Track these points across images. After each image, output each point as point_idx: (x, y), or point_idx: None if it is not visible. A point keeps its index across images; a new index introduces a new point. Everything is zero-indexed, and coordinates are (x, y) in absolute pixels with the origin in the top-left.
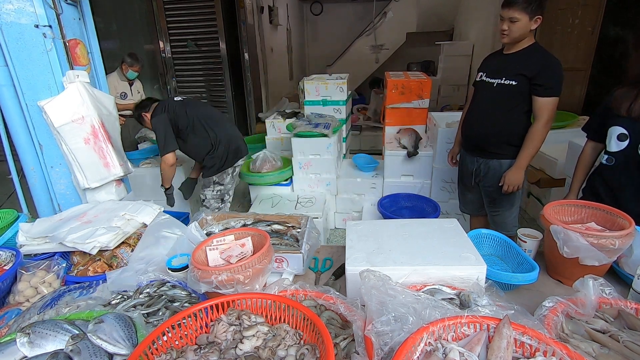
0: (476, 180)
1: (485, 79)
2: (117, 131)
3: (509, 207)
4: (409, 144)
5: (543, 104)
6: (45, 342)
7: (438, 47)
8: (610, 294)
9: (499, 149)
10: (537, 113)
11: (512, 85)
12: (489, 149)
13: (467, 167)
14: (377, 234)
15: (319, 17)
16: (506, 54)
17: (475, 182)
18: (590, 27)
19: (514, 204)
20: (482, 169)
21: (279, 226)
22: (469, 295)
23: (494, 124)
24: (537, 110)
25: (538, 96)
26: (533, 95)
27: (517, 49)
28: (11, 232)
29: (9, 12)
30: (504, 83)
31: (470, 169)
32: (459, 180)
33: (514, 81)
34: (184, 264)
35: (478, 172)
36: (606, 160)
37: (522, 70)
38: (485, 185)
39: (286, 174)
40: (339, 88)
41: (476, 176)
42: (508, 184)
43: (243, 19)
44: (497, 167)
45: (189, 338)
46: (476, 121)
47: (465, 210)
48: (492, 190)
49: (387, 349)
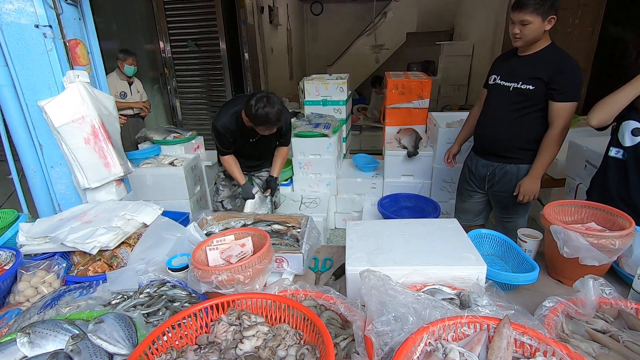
0: (489, 185)
1: (500, 82)
2: (117, 131)
3: (523, 214)
4: (409, 144)
5: (559, 109)
6: (45, 342)
7: (438, 47)
8: (611, 294)
9: (515, 154)
10: (553, 119)
11: (529, 89)
12: (505, 153)
13: (479, 172)
14: (377, 234)
15: (319, 17)
16: (521, 56)
17: (487, 187)
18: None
19: (528, 210)
20: (497, 173)
21: (279, 226)
22: (469, 295)
23: (511, 128)
24: (552, 116)
25: (554, 101)
26: (550, 100)
27: (533, 51)
28: (11, 232)
29: (9, 12)
30: (521, 88)
31: (483, 173)
32: (460, 186)
33: (531, 85)
34: (184, 264)
35: (492, 177)
36: (615, 153)
37: (538, 74)
38: (499, 190)
39: (286, 174)
40: (339, 88)
41: (489, 181)
42: (524, 193)
43: (243, 19)
44: (513, 172)
45: (189, 338)
46: (492, 125)
47: (460, 219)
48: (506, 196)
49: (387, 349)
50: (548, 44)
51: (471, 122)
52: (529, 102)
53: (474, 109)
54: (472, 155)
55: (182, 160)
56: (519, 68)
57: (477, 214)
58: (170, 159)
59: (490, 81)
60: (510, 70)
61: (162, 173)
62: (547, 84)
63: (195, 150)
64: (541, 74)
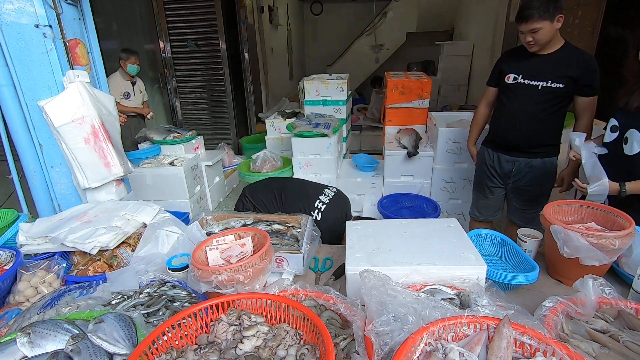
0: (514, 179)
1: (524, 81)
2: (117, 131)
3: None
4: (409, 144)
5: (589, 103)
6: (45, 342)
7: (438, 47)
8: (610, 294)
9: (542, 149)
10: (583, 112)
11: (559, 88)
12: (532, 149)
13: (503, 168)
14: (377, 234)
15: (319, 17)
16: (541, 55)
17: (511, 182)
18: (591, 27)
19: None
20: (524, 168)
21: (279, 226)
22: (469, 295)
23: (540, 125)
24: (582, 109)
25: (585, 96)
26: (578, 95)
27: (552, 50)
28: (11, 232)
29: (9, 12)
30: (551, 86)
31: (508, 169)
32: (479, 183)
33: (561, 84)
34: (184, 264)
35: (517, 172)
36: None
37: (568, 73)
38: (524, 185)
39: (286, 174)
40: (339, 88)
41: (514, 176)
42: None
43: (243, 19)
44: (540, 166)
45: (189, 338)
46: (519, 123)
47: (479, 215)
48: (533, 188)
49: (387, 349)
50: (564, 42)
51: (481, 122)
52: (557, 99)
53: (481, 109)
54: (490, 152)
55: (182, 160)
56: (544, 67)
57: (497, 209)
58: (170, 159)
59: (509, 80)
60: (533, 69)
61: (162, 173)
62: (577, 81)
63: (195, 150)
64: (571, 72)
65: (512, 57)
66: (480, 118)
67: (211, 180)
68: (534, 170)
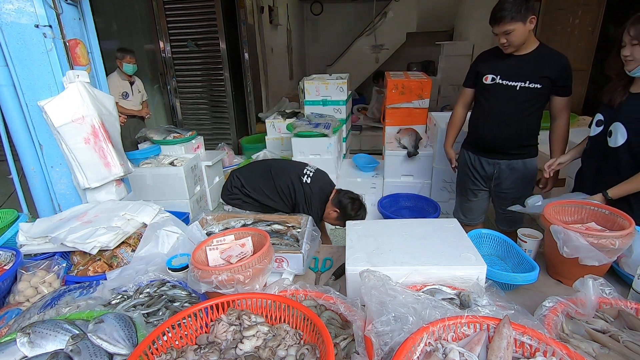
0: (495, 182)
1: (502, 81)
2: (117, 131)
3: None
4: (409, 144)
5: (566, 102)
6: (45, 342)
7: (438, 47)
8: (610, 294)
9: (522, 150)
10: (560, 112)
11: (537, 88)
12: (512, 150)
13: (485, 170)
14: (377, 234)
15: (319, 17)
16: (517, 56)
17: (493, 184)
18: (591, 27)
19: None
20: (504, 170)
21: (279, 226)
22: (469, 295)
23: (519, 126)
24: (559, 109)
25: (562, 96)
26: (555, 95)
27: (527, 51)
28: (11, 232)
29: (9, 12)
30: (529, 86)
31: (490, 171)
32: (463, 187)
33: (539, 84)
34: (184, 264)
35: (498, 174)
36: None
37: (545, 73)
38: (506, 187)
39: None
40: (339, 88)
41: (496, 178)
42: None
43: (243, 19)
44: (520, 167)
45: (189, 338)
46: (498, 125)
47: (465, 219)
48: (515, 190)
49: (387, 349)
50: (539, 43)
51: (458, 123)
52: (535, 99)
53: (458, 110)
54: (470, 154)
55: (182, 160)
56: (521, 68)
57: (482, 212)
58: (170, 159)
59: (487, 81)
60: (511, 69)
61: (162, 173)
62: (554, 81)
63: (195, 150)
64: (548, 72)
65: (489, 58)
66: (458, 120)
67: (211, 180)
68: (516, 172)
